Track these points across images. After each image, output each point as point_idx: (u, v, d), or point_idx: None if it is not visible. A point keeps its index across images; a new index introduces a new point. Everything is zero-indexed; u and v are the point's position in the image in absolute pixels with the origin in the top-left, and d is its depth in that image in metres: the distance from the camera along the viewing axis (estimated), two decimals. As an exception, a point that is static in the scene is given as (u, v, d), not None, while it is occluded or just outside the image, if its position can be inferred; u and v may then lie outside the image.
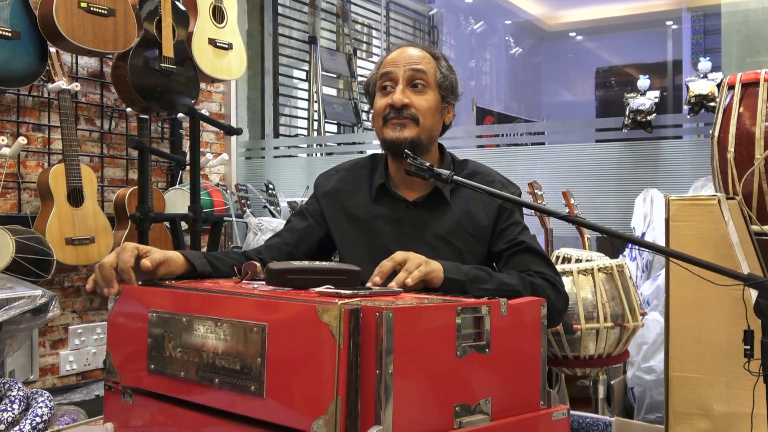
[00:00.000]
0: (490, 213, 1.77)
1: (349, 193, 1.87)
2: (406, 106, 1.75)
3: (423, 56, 1.80)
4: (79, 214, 3.04)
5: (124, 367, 1.50)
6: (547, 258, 1.75)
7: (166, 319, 1.39)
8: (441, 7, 6.40)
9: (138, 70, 3.22)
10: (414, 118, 1.75)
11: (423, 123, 1.75)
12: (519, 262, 1.73)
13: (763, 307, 1.29)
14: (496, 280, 1.61)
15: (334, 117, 4.84)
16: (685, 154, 3.06)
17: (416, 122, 1.75)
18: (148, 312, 1.43)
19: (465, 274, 1.57)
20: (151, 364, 1.41)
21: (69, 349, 3.30)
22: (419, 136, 1.75)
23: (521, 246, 1.74)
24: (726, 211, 1.97)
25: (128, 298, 1.50)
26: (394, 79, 1.77)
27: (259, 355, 1.20)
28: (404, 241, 1.74)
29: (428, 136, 1.78)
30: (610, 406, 2.63)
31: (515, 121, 6.44)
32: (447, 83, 1.81)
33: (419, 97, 1.76)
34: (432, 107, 1.77)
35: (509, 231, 1.76)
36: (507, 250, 1.75)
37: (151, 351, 1.41)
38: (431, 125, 1.78)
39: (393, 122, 1.76)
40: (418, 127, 1.75)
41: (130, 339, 1.48)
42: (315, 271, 1.40)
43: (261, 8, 4.46)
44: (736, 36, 3.03)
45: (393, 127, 1.76)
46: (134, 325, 1.47)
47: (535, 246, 1.75)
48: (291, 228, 1.89)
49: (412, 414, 1.13)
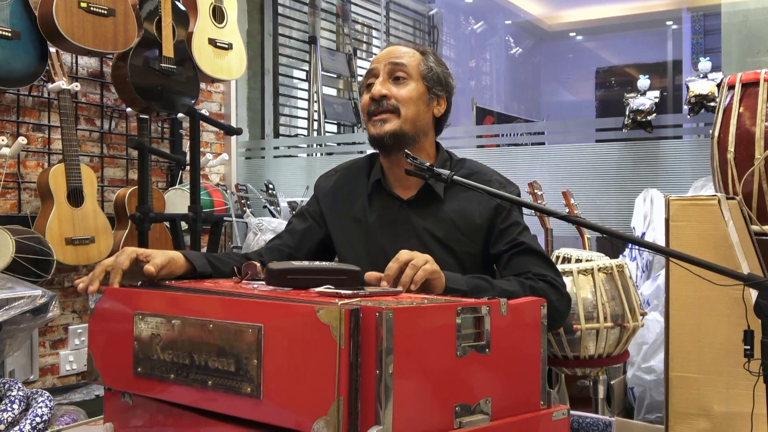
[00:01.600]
0: (485, 213, 1.76)
1: (347, 193, 1.88)
2: (386, 97, 1.76)
3: (406, 51, 1.82)
4: (79, 214, 3.04)
5: (107, 370, 1.48)
6: (547, 259, 1.75)
7: (152, 320, 1.37)
8: (441, 7, 6.40)
9: (138, 70, 3.21)
10: (394, 108, 1.76)
11: (405, 113, 1.76)
12: (519, 263, 1.72)
13: (763, 307, 1.29)
14: (497, 288, 1.59)
15: (334, 117, 4.84)
16: (685, 154, 3.06)
17: (397, 114, 1.76)
18: (132, 314, 1.41)
19: (466, 283, 1.56)
20: (138, 367, 1.39)
21: (69, 349, 3.30)
22: (401, 128, 1.75)
23: (521, 247, 1.73)
24: (726, 211, 1.97)
25: (110, 300, 1.48)
26: (375, 75, 1.80)
27: (255, 356, 1.19)
28: (399, 242, 1.73)
29: (413, 127, 1.78)
30: (610, 406, 2.63)
31: (515, 121, 6.44)
32: (432, 74, 1.81)
33: (399, 87, 1.77)
34: (414, 97, 1.78)
35: (509, 232, 1.75)
36: (507, 252, 1.74)
37: (137, 354, 1.39)
38: (414, 115, 1.77)
39: (374, 118, 1.77)
40: (399, 118, 1.76)
41: (114, 341, 1.46)
42: (315, 271, 1.39)
43: (261, 8, 4.46)
44: (736, 36, 3.03)
45: (374, 123, 1.78)
46: (117, 327, 1.44)
47: (535, 247, 1.74)
48: (291, 230, 1.90)
49: (412, 414, 1.13)
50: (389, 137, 1.75)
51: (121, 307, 1.46)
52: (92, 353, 1.51)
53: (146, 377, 1.38)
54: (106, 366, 1.49)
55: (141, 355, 1.39)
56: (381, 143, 1.77)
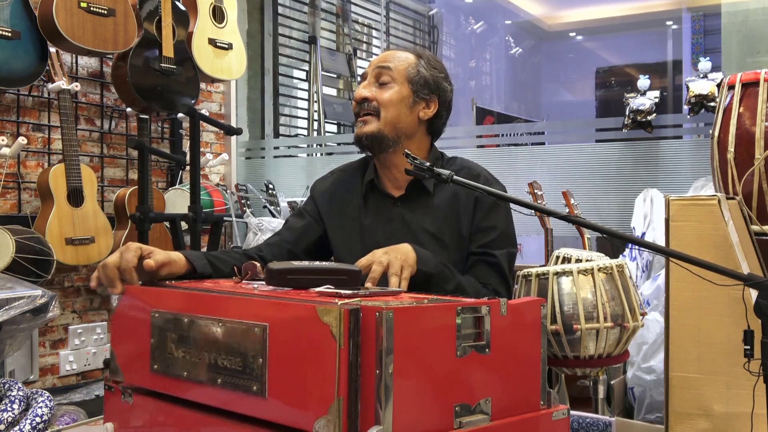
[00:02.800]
0: (468, 205, 1.79)
1: (343, 194, 1.91)
2: (367, 100, 1.80)
3: (398, 56, 1.84)
4: (79, 214, 3.04)
5: (127, 367, 1.51)
6: (509, 284, 1.79)
7: (168, 319, 1.39)
8: (441, 7, 6.40)
9: (138, 70, 3.21)
10: (375, 111, 1.79)
11: (384, 115, 1.79)
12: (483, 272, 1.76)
13: (763, 307, 1.29)
14: (457, 282, 1.64)
15: (334, 117, 4.84)
16: (685, 154, 3.06)
17: (377, 116, 1.79)
18: (149, 312, 1.43)
19: (434, 266, 1.62)
20: (155, 364, 1.41)
21: (69, 349, 3.30)
22: (380, 129, 1.79)
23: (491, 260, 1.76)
24: (726, 211, 1.97)
25: (131, 298, 1.51)
26: (364, 78, 1.85)
27: (260, 355, 1.20)
28: (394, 239, 1.75)
29: (393, 129, 1.80)
30: (610, 406, 2.63)
31: (515, 121, 6.44)
32: (418, 78, 1.82)
33: (382, 90, 1.81)
34: (395, 99, 1.80)
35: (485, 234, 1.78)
36: (477, 255, 1.77)
37: (154, 351, 1.42)
38: (394, 117, 1.80)
39: (358, 120, 1.83)
40: (379, 120, 1.79)
41: (134, 339, 1.49)
42: (315, 271, 1.40)
43: (261, 8, 4.46)
44: (736, 36, 3.03)
45: (357, 124, 1.83)
46: (137, 325, 1.47)
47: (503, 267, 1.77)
48: (290, 227, 1.93)
49: (412, 414, 1.13)
50: (366, 138, 1.80)
51: (139, 305, 1.49)
52: (114, 350, 1.54)
53: (162, 374, 1.40)
54: (126, 363, 1.52)
55: (157, 353, 1.41)
56: (359, 143, 1.83)
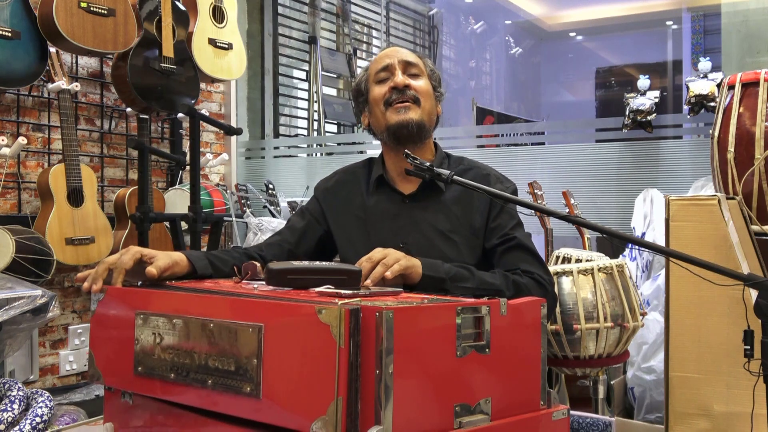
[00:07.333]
0: (483, 205, 1.78)
1: (348, 191, 1.90)
2: (408, 87, 1.80)
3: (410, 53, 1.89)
4: (79, 214, 3.04)
5: (108, 369, 1.48)
6: (537, 256, 1.75)
7: (153, 320, 1.37)
8: (441, 7, 6.39)
9: (138, 70, 3.21)
10: (415, 99, 1.80)
11: (423, 105, 1.81)
12: (509, 259, 1.73)
13: (763, 307, 1.29)
14: (478, 278, 1.61)
15: (334, 117, 4.84)
16: (685, 154, 3.06)
17: (418, 104, 1.80)
18: (134, 313, 1.41)
19: (445, 272, 1.58)
20: (138, 366, 1.39)
21: (69, 349, 3.30)
22: (422, 119, 1.80)
23: (512, 242, 1.74)
24: (726, 211, 1.97)
25: (112, 300, 1.49)
26: (391, 69, 1.83)
27: (255, 355, 1.19)
28: (402, 236, 1.75)
29: (429, 121, 1.83)
30: (610, 406, 2.63)
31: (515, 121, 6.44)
32: (435, 76, 1.89)
33: (416, 81, 1.83)
34: (429, 92, 1.84)
35: (501, 226, 1.77)
36: (499, 246, 1.75)
37: (138, 353, 1.40)
38: (430, 109, 1.83)
39: (396, 105, 1.79)
40: (420, 108, 1.80)
41: (115, 341, 1.47)
42: (315, 271, 1.40)
43: (261, 8, 4.46)
44: (736, 36, 3.03)
45: (397, 110, 1.79)
46: (119, 327, 1.45)
47: (526, 243, 1.75)
48: (291, 227, 1.92)
49: (412, 414, 1.13)
50: (414, 125, 1.78)
51: (122, 307, 1.46)
52: (93, 353, 1.51)
53: (147, 377, 1.38)
54: (106, 365, 1.49)
55: (141, 354, 1.39)
56: (406, 129, 1.78)
